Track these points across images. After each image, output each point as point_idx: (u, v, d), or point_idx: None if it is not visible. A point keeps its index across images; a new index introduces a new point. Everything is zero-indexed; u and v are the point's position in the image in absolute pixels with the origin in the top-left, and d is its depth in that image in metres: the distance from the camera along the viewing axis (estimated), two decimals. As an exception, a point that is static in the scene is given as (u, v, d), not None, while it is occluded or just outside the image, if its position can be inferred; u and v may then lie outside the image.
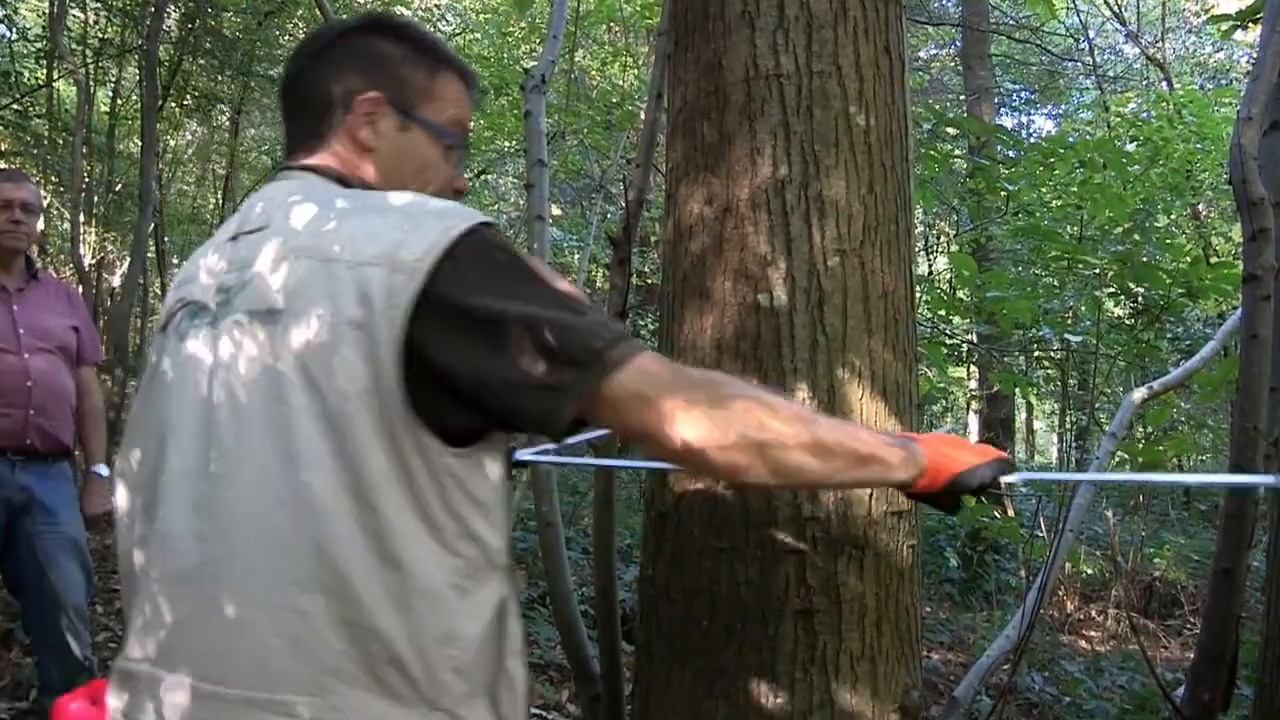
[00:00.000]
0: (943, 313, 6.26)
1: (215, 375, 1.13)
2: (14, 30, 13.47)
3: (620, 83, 12.57)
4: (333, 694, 1.05)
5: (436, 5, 12.39)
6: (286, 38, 14.64)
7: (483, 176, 14.19)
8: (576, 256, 10.83)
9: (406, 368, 1.06)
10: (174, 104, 13.23)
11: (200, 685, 1.09)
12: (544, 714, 4.34)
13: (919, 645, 1.80)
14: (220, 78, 14.32)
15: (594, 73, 13.17)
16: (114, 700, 1.18)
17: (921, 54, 14.69)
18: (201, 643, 1.10)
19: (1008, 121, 15.02)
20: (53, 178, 12.14)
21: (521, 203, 15.61)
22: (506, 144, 12.08)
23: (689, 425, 1.09)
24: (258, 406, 1.09)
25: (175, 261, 17.53)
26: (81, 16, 12.77)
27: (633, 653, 2.28)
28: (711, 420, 1.10)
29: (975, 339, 8.53)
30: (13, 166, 9.26)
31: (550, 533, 2.44)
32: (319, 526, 1.06)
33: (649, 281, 10.48)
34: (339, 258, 1.09)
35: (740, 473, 1.14)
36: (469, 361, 1.07)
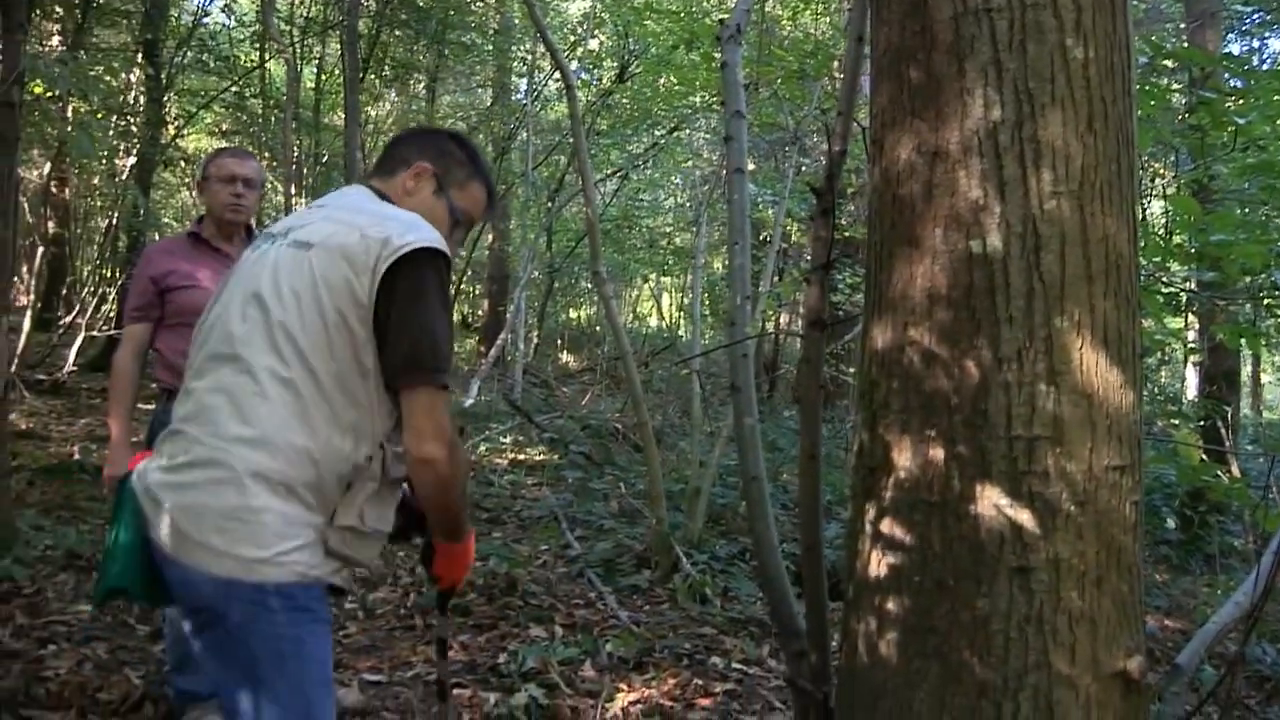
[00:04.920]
0: (1158, 259, 5.89)
1: (266, 262, 1.93)
2: (232, 17, 14.32)
3: (813, 31, 12.33)
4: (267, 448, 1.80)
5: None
6: (478, 3, 15.03)
7: (674, 134, 14.23)
8: (771, 211, 10.72)
9: (374, 298, 1.82)
10: (373, 75, 13.80)
11: (194, 431, 1.86)
12: (745, 669, 4.37)
13: (1143, 607, 1.72)
14: (416, 47, 14.86)
15: (785, 22, 12.96)
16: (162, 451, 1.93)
17: (1136, -18, 13.77)
18: (212, 406, 1.85)
19: (1235, 48, 13.88)
20: (265, 153, 12.88)
21: (714, 158, 15.57)
22: (698, 99, 12.06)
23: (434, 445, 1.85)
24: (286, 279, 1.87)
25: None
26: (288, -2, 13.43)
27: (837, 609, 2.26)
28: (447, 450, 1.86)
29: (1195, 287, 8.00)
30: (234, 145, 9.87)
31: (755, 486, 2.44)
32: (300, 341, 1.82)
33: (845, 235, 10.28)
34: (359, 227, 1.87)
35: (435, 479, 1.89)
36: (392, 315, 1.83)
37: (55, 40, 11.48)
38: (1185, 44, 9.20)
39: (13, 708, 3.32)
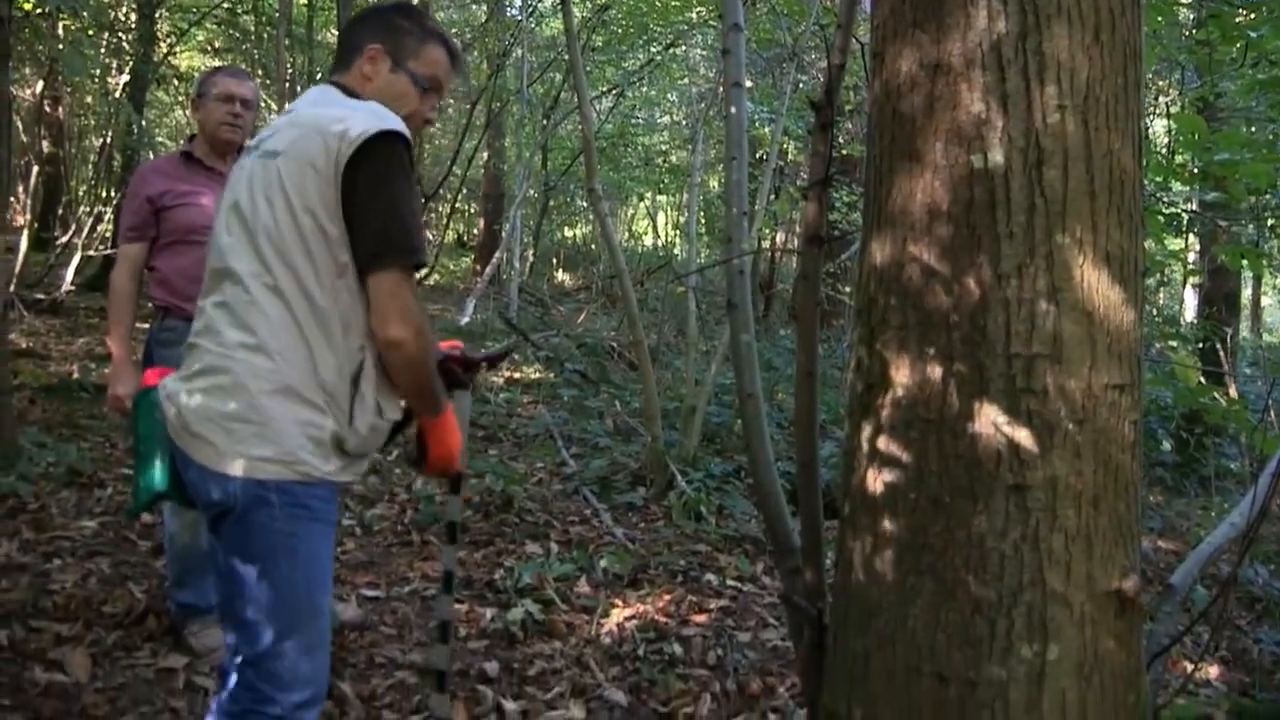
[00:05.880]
0: (1160, 179, 5.83)
1: (243, 175, 1.99)
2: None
3: (813, -56, 12.06)
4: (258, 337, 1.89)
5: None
6: (474, -84, 14.66)
7: (670, 50, 14.00)
8: (768, 129, 10.59)
9: (340, 193, 1.87)
10: (367, -12, 13.51)
11: (204, 342, 1.95)
12: (739, 586, 4.43)
13: (1139, 528, 1.72)
14: (411, -39, 14.56)
15: (785, -66, 12.68)
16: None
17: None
18: (216, 318, 1.94)
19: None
20: (259, 70, 12.69)
21: (710, 75, 15.34)
22: (694, 14, 11.85)
23: (398, 327, 1.88)
24: (260, 189, 1.93)
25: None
26: (281, -91, 13.11)
27: (832, 527, 2.28)
28: (414, 330, 1.90)
29: (1197, 207, 7.94)
30: (231, 65, 9.71)
31: (751, 404, 2.44)
32: (278, 245, 1.89)
33: (843, 152, 10.17)
34: (319, 128, 1.89)
35: (404, 360, 1.93)
36: (357, 205, 1.88)
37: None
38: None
39: (22, 619, 3.38)
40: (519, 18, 15.75)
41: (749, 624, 4.02)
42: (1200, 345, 9.25)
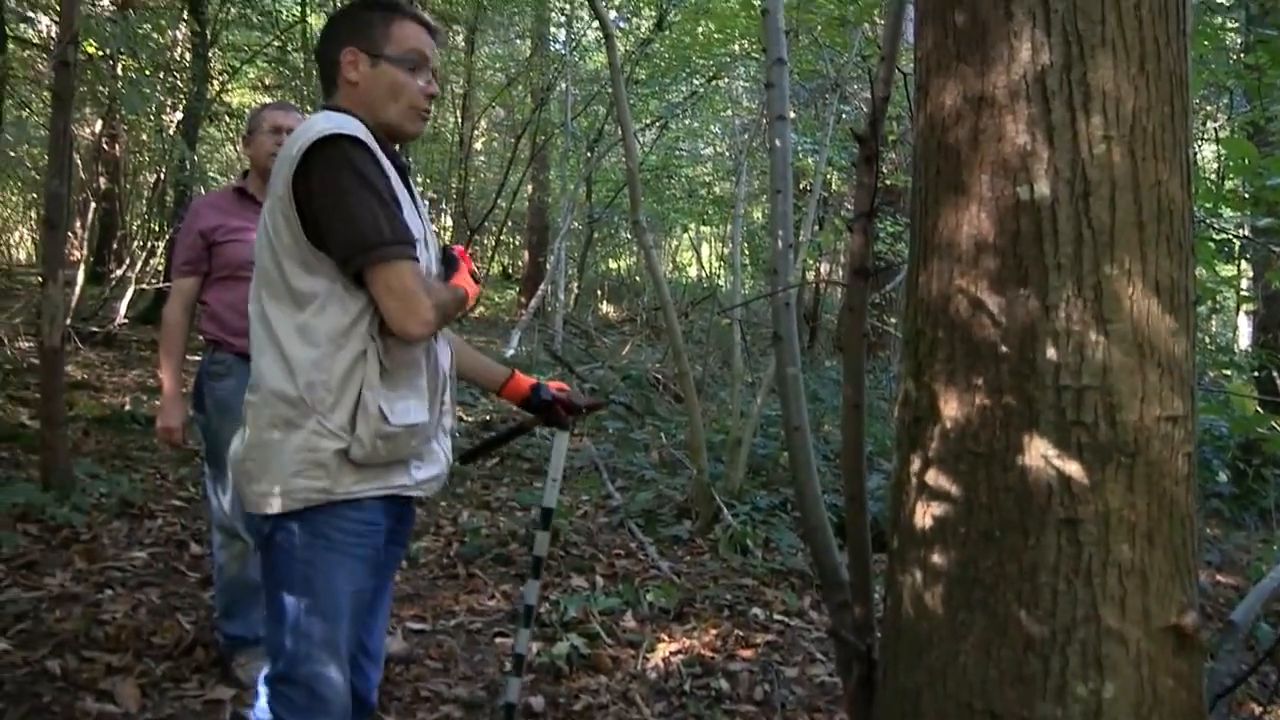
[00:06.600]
0: (1210, 205, 5.76)
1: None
2: (270, -30, 14.32)
3: (855, -24, 12.10)
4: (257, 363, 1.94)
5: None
6: (518, -46, 14.89)
7: (713, 82, 14.08)
8: (811, 160, 10.59)
9: (298, 209, 1.85)
10: (414, 26, 13.72)
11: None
12: (786, 620, 4.39)
13: (1196, 562, 1.69)
14: (455, -1, 14.81)
15: (826, -33, 12.73)
16: None
17: (1190, -79, 13.33)
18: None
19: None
20: (307, 106, 12.90)
21: (753, 106, 15.38)
22: (737, 47, 11.90)
23: (408, 321, 1.86)
24: (259, 231, 1.95)
25: (419, 180, 18.38)
26: (329, -49, 13.42)
27: (880, 560, 2.26)
28: (421, 320, 1.87)
29: (1249, 233, 7.82)
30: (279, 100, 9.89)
31: (798, 436, 2.43)
32: (261, 295, 1.92)
33: (887, 182, 10.14)
34: (286, 153, 1.87)
35: (431, 332, 1.92)
36: (319, 216, 1.84)
37: (106, 0, 11.54)
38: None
39: (74, 649, 3.42)
40: (563, 52, 15.93)
41: (796, 659, 3.98)
42: (1256, 373, 9.07)
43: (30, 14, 10.47)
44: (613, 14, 13.85)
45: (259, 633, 3.34)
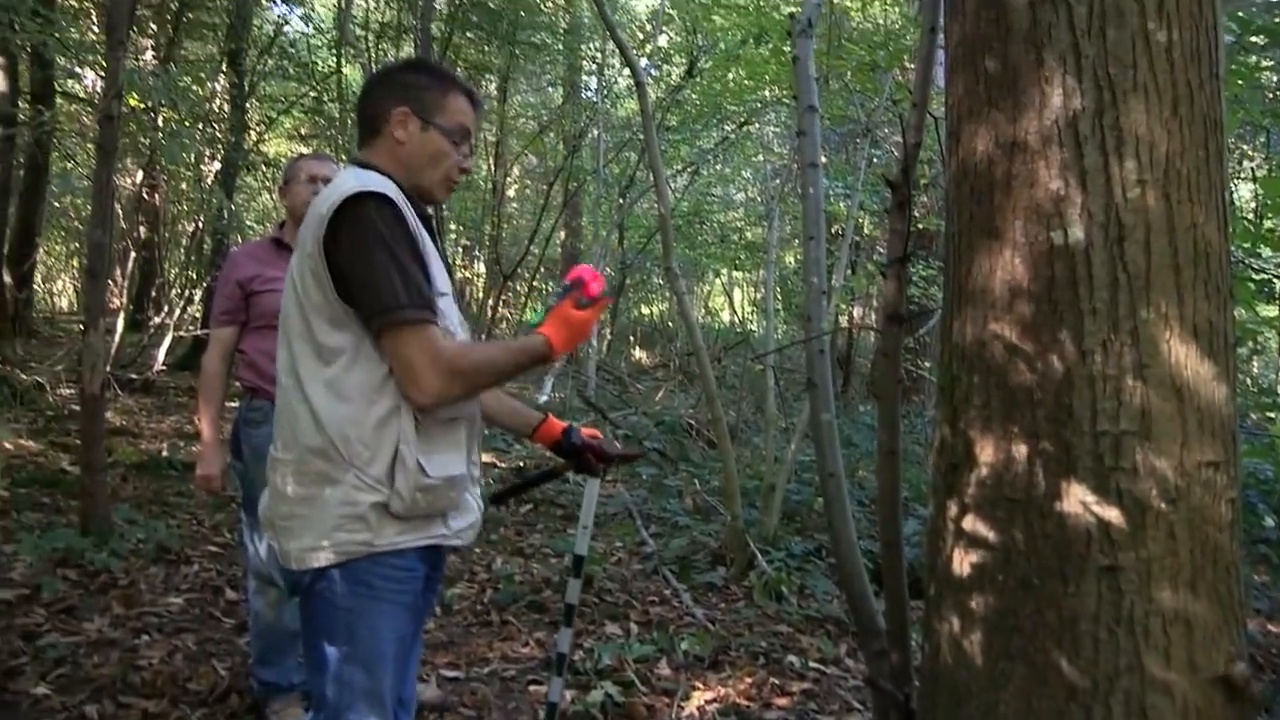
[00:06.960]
0: (1248, 245, 5.71)
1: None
2: (310, 25, 14.63)
3: (883, 22, 12.18)
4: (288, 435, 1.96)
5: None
6: (549, 3, 15.12)
7: (744, 128, 14.17)
8: (843, 205, 10.61)
9: (328, 268, 1.86)
10: (448, 77, 13.93)
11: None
12: (822, 668, 4.33)
13: (1244, 611, 1.66)
14: (487, 49, 15.03)
15: (855, 13, 12.83)
16: None
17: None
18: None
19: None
20: (342, 156, 13.11)
21: (784, 152, 15.46)
22: (767, 93, 11.98)
23: (418, 390, 1.86)
24: (286, 287, 1.97)
25: (453, 228, 18.57)
26: (364, 4, 13.69)
27: (917, 608, 2.23)
28: (443, 383, 1.86)
29: (1289, 274, 7.74)
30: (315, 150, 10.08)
31: (833, 483, 2.42)
32: (291, 348, 1.94)
33: (919, 227, 10.14)
34: (313, 213, 1.91)
35: (452, 401, 1.92)
36: (346, 275, 1.86)
37: (149, 54, 11.82)
38: (1277, 19, 8.89)
39: (112, 694, 3.44)
40: (594, 100, 16.11)
41: (833, 708, 3.92)
42: (1300, 416, 8.92)
43: (77, 69, 10.72)
44: (644, 61, 13.99)
45: (294, 680, 3.35)
